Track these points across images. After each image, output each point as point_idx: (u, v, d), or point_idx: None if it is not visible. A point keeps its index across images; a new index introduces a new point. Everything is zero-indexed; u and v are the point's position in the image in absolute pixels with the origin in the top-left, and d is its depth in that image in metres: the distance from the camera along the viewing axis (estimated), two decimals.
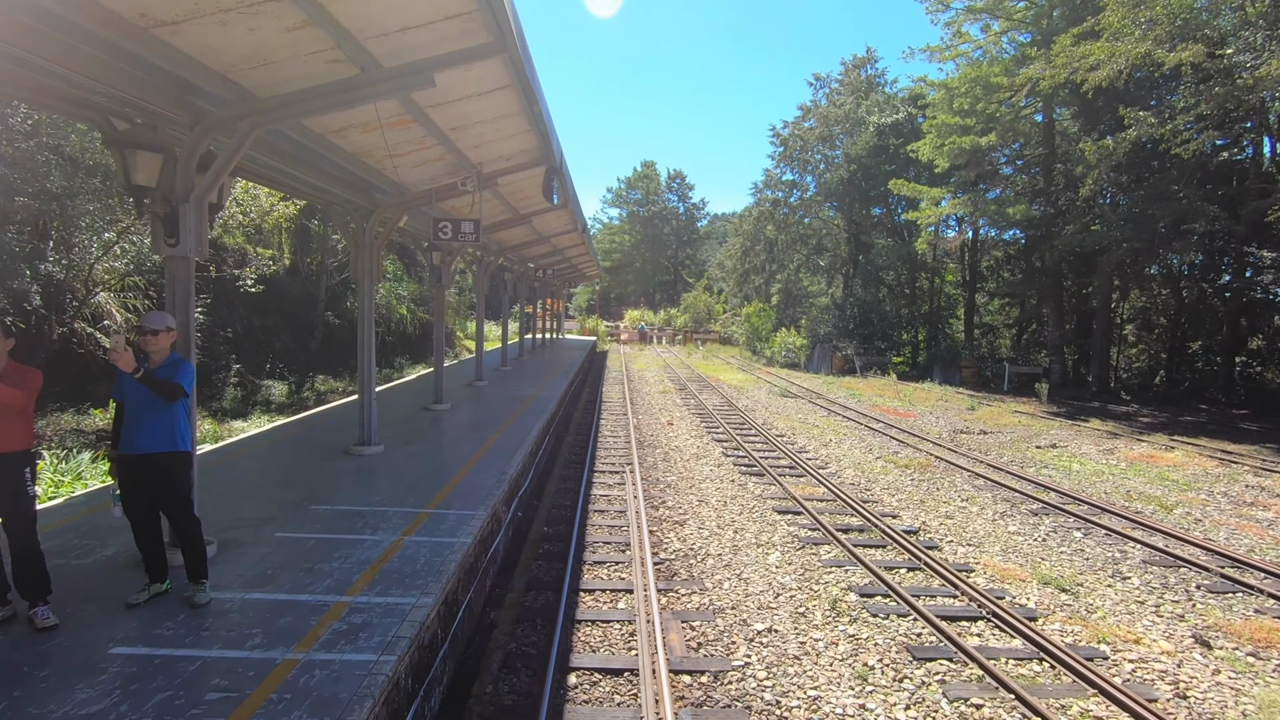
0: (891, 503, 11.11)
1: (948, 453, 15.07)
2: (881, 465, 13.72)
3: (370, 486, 8.19)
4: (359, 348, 9.85)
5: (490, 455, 10.14)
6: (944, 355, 31.34)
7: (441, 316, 14.05)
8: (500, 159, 9.60)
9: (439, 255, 13.33)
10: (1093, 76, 19.77)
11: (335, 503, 7.49)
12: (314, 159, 7.73)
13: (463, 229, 9.71)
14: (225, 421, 16.60)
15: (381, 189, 9.61)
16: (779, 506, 10.53)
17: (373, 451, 9.83)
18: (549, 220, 16.39)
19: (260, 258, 23.71)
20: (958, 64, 29.42)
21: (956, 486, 12.23)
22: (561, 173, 10.40)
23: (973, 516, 10.52)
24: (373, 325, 9.87)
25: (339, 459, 9.52)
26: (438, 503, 7.65)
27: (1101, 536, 9.73)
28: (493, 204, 12.84)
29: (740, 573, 7.92)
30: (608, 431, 16.41)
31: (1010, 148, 29.39)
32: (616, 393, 23.68)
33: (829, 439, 16.28)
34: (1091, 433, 18.23)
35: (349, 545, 6.22)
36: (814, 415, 20.04)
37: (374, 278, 9.74)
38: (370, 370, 9.85)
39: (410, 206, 9.70)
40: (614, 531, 9.30)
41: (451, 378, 20.13)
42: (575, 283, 58.21)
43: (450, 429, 12.13)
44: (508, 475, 9.05)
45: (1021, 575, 8.16)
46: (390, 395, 16.42)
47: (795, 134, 45.42)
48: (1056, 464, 14.53)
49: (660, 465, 13.17)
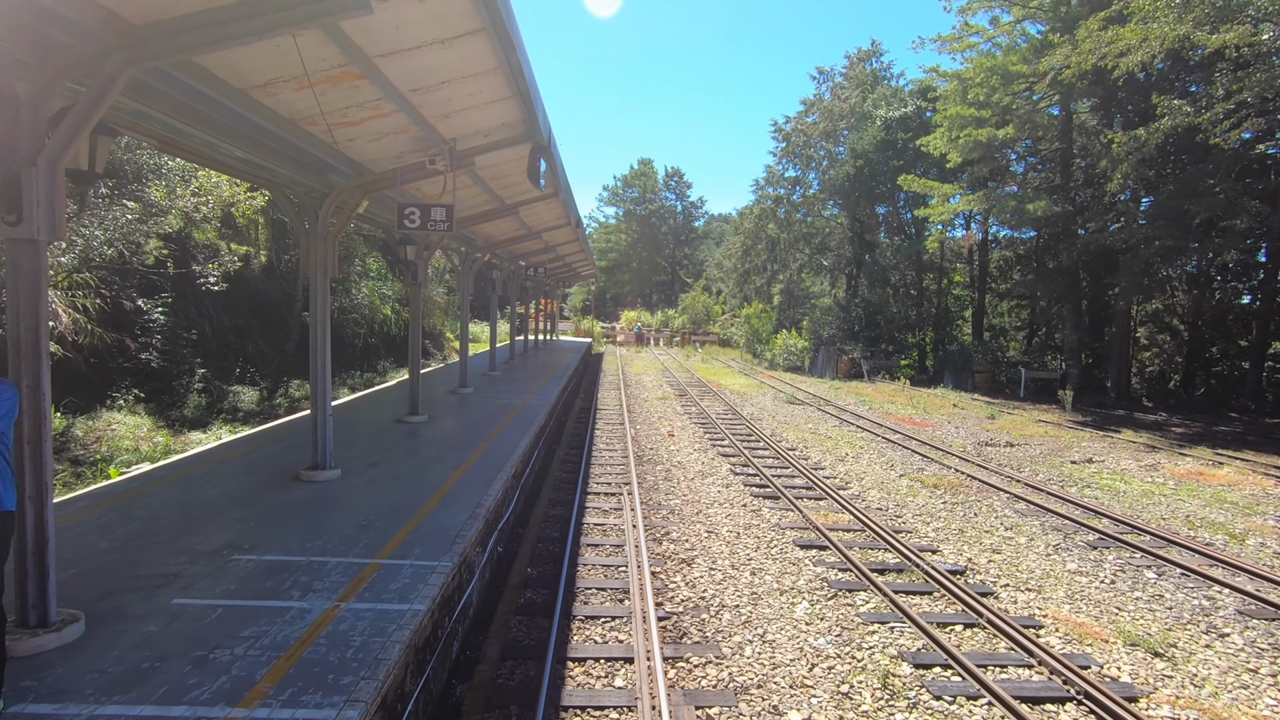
0: (927, 533, 9.71)
1: (977, 469, 13.70)
2: (908, 485, 12.33)
3: (314, 525, 6.74)
4: (311, 356, 8.41)
5: (467, 480, 8.70)
6: (955, 359, 29.99)
7: (418, 318, 12.61)
8: (477, 133, 8.18)
9: (414, 249, 11.89)
10: (1123, 62, 18.44)
11: (265, 549, 6.04)
12: (244, 126, 6.29)
13: (433, 216, 8.27)
14: (182, 433, 15.11)
15: (337, 169, 8.17)
16: (800, 539, 9.13)
17: (327, 477, 8.38)
18: (539, 212, 14.95)
19: (233, 254, 22.24)
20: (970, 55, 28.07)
21: (996, 511, 10.85)
22: (550, 153, 8.98)
23: (1022, 550, 9.13)
24: (327, 330, 8.43)
25: (286, 487, 8.07)
26: (393, 548, 6.21)
27: (1177, 577, 8.35)
28: (473, 191, 11.40)
29: (764, 632, 6.51)
30: (603, 444, 14.99)
31: (1025, 142, 28.07)
32: (613, 399, 22.25)
33: (845, 453, 14.88)
34: (1127, 445, 16.88)
35: (266, 617, 4.78)
36: (825, 425, 18.64)
37: (329, 273, 8.31)
38: (325, 383, 8.41)
39: (371, 190, 8.27)
40: (610, 573, 7.87)
41: (434, 384, 18.68)
42: (570, 283, 56.75)
43: (424, 446, 10.68)
44: (485, 506, 7.62)
45: (1101, 632, 6.77)
46: (363, 405, 14.97)
47: (798, 129, 43.99)
48: (1099, 482, 13.16)
49: (662, 485, 11.76)
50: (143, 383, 16.70)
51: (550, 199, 12.65)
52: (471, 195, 11.68)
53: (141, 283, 17.75)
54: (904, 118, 33.43)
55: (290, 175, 7.58)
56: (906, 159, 32.83)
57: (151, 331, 17.42)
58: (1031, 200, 23.40)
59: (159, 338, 17.47)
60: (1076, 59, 19.89)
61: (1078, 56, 19.85)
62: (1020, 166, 31.74)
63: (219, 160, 7.22)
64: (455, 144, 8.12)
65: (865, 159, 35.03)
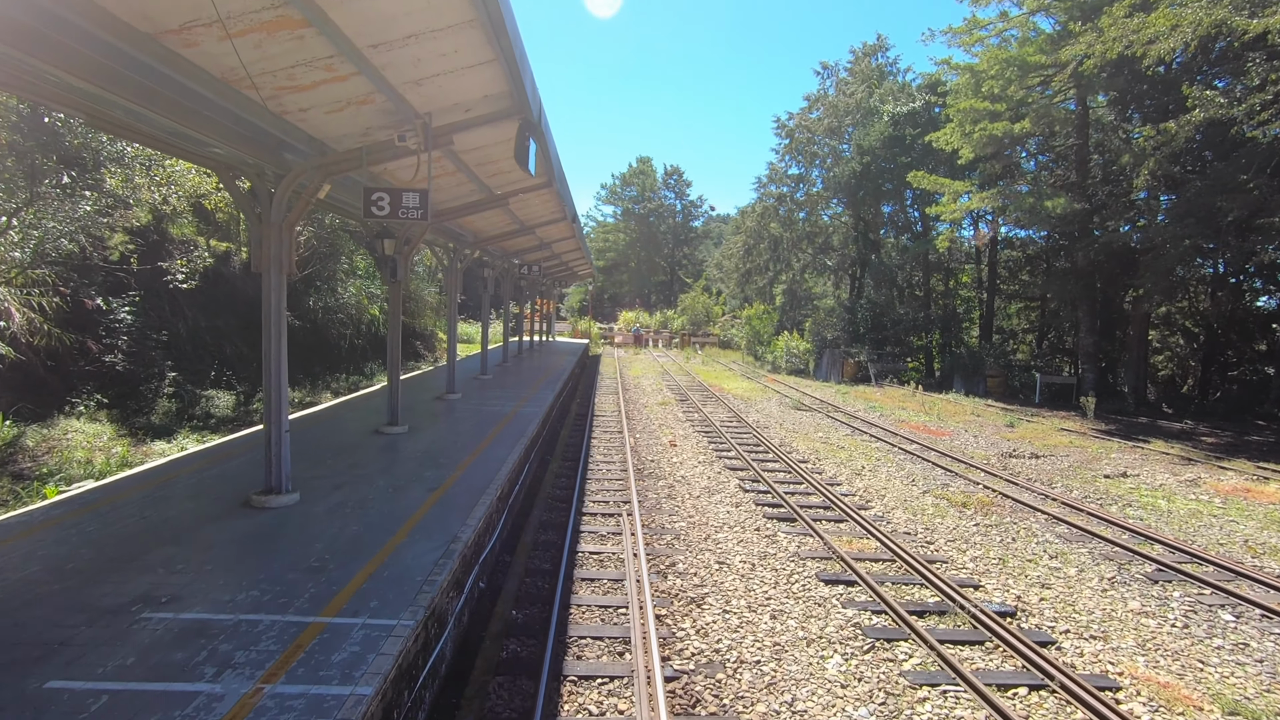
0: (964, 563, 8.63)
1: (1005, 485, 12.64)
2: (933, 504, 11.25)
3: (254, 568, 5.64)
4: (264, 364, 7.31)
5: (444, 505, 7.60)
6: (965, 363, 28.93)
7: (398, 318, 11.50)
8: (455, 106, 7.07)
9: (392, 243, 10.78)
10: (1153, 50, 17.40)
11: (186, 603, 4.94)
12: (166, 86, 5.19)
13: (405, 203, 7.18)
14: (145, 442, 13.98)
15: (293, 146, 7.07)
16: (824, 571, 8.04)
17: (281, 503, 7.28)
18: (531, 205, 13.85)
19: (210, 250, 21.12)
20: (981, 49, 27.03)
21: (1036, 536, 9.77)
22: (540, 132, 7.88)
23: (1074, 584, 8.06)
24: (283, 335, 7.33)
25: (231, 515, 6.96)
26: (345, 601, 5.12)
27: (1258, 620, 7.29)
28: (457, 179, 10.30)
29: (792, 699, 5.42)
30: (600, 455, 13.89)
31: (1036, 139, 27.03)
32: (610, 404, 21.16)
33: (861, 466, 13.80)
34: (1160, 457, 15.82)
35: (161, 709, 3.68)
36: (836, 434, 17.56)
37: (285, 269, 7.21)
38: (280, 395, 7.31)
39: (334, 172, 7.16)
40: (608, 617, 6.78)
41: (420, 389, 17.57)
42: (567, 282, 55.66)
43: (401, 462, 9.58)
44: (463, 539, 6.53)
45: (1190, 696, 5.70)
46: (342, 413, 13.86)
47: (801, 124, 42.83)
48: (1139, 500, 12.11)
49: (665, 504, 10.66)
50: (106, 387, 15.58)
51: (543, 189, 11.55)
52: (455, 183, 10.58)
53: (108, 280, 16.62)
54: (912, 113, 32.37)
55: (234, 152, 6.47)
56: (915, 155, 31.78)
57: (117, 332, 16.29)
58: (1049, 197, 22.32)
59: (125, 339, 16.34)
60: (1101, 47, 18.84)
61: (1102, 45, 18.81)
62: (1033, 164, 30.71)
63: (148, 133, 6.11)
64: (430, 119, 7.03)
65: (872, 155, 33.96)
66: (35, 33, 4.20)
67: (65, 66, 4.43)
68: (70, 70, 4.47)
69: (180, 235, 20.50)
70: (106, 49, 4.58)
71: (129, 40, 4.54)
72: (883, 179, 34.66)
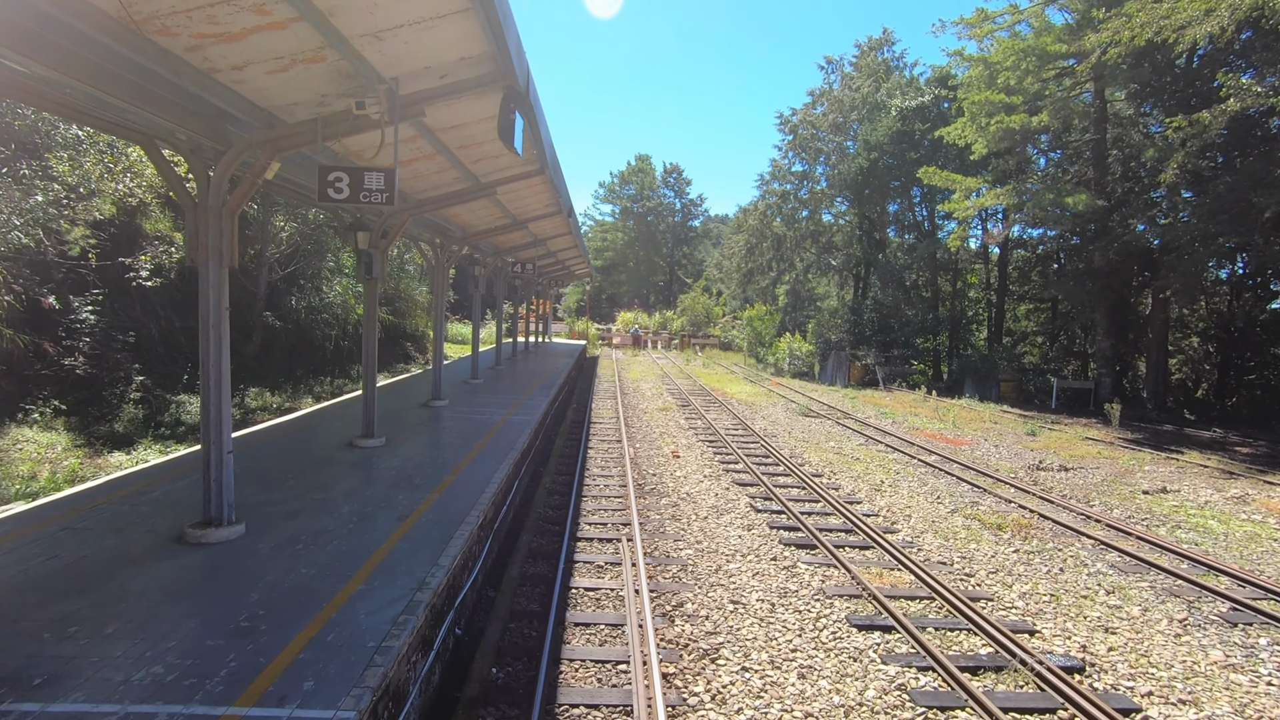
0: (1011, 600, 7.57)
1: (1039, 502, 11.59)
2: (964, 526, 10.19)
3: (168, 629, 4.55)
4: (202, 374, 6.22)
5: (415, 537, 6.52)
6: (977, 367, 27.87)
7: (373, 319, 10.40)
8: (428, 70, 5.99)
9: (366, 235, 9.69)
10: (1187, 35, 16.36)
11: (64, 685, 3.86)
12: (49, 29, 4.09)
13: (368, 184, 6.11)
14: (103, 453, 12.86)
15: (234, 117, 5.99)
16: (856, 614, 6.97)
17: (222, 538, 6.19)
18: (522, 196, 12.76)
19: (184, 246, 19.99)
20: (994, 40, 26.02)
21: (1085, 565, 8.72)
22: (528, 105, 6.80)
23: (1141, 628, 7.00)
24: (223, 338, 6.24)
25: (161, 552, 5.87)
26: (273, 678, 4.03)
27: None
28: (437, 164, 9.20)
29: None
30: (597, 469, 12.82)
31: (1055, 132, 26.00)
32: (608, 410, 20.08)
33: (880, 480, 12.74)
34: (1198, 470, 14.77)
35: None
36: (849, 443, 16.50)
37: (226, 261, 6.12)
38: (220, 410, 6.22)
39: (283, 147, 6.07)
40: (606, 676, 5.70)
41: (405, 394, 16.48)
42: (564, 282, 54.63)
43: (371, 483, 8.48)
44: (433, 585, 5.45)
45: None
46: (314, 422, 12.77)
47: (805, 120, 41.74)
48: (1188, 520, 11.06)
49: (669, 527, 9.58)
50: (65, 392, 14.46)
51: (534, 177, 10.46)
52: (436, 169, 9.48)
53: (69, 278, 15.51)
54: (921, 107, 31.33)
55: (156, 120, 5.39)
56: (923, 151, 30.74)
57: (78, 333, 15.16)
58: (1070, 194, 21.28)
59: (87, 340, 15.21)
60: (1128, 33, 17.80)
61: (1130, 30, 17.77)
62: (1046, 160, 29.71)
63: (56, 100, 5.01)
64: (397, 84, 5.94)
65: (879, 151, 32.89)
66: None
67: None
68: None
69: (155, 230, 19.39)
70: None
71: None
72: (890, 176, 33.61)
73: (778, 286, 47.38)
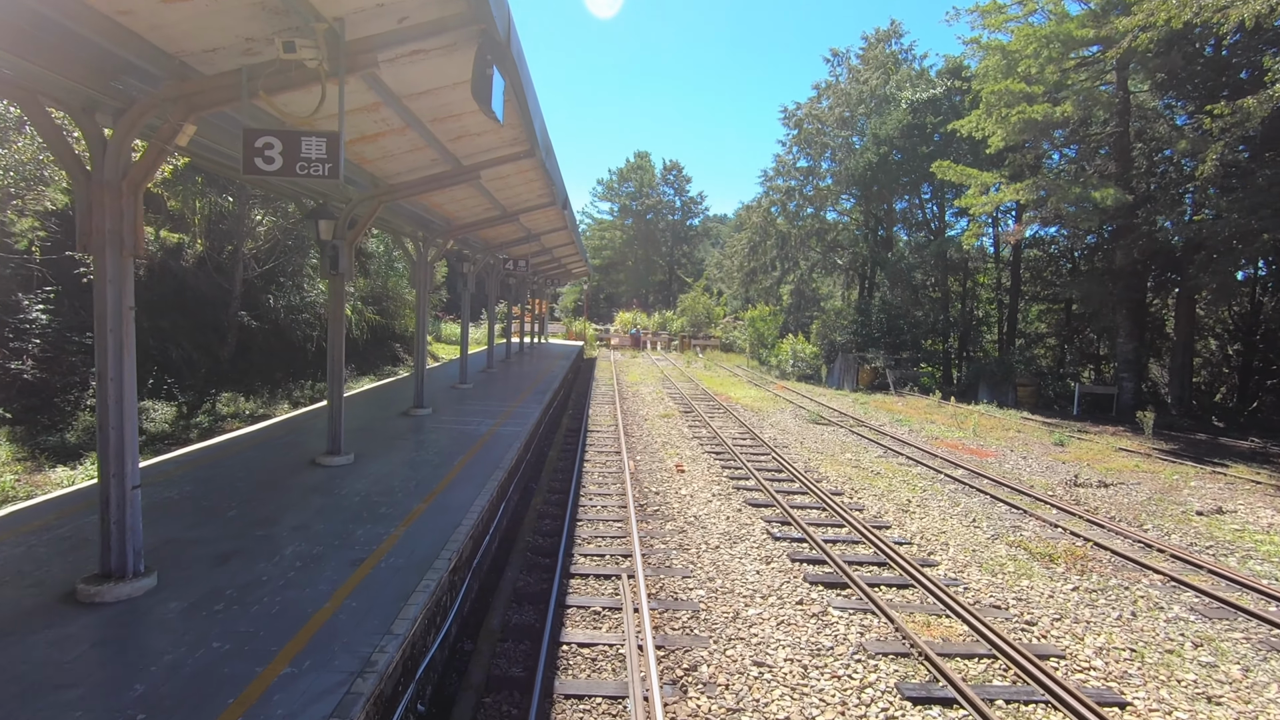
0: (1089, 659, 6.34)
1: (1087, 526, 10.39)
2: (1010, 556, 8.97)
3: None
4: (99, 381, 4.99)
5: (368, 590, 5.29)
6: (991, 370, 26.67)
7: (339, 320, 9.15)
8: (381, 7, 4.75)
9: (329, 225, 8.46)
10: (1232, 14, 15.18)
11: None
12: None
13: (305, 152, 4.87)
14: (45, 468, 11.60)
15: (138, 67, 4.77)
16: (904, 678, 5.75)
17: (122, 595, 4.95)
18: (511, 183, 11.52)
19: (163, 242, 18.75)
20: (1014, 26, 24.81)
21: (1162, 609, 7.51)
22: (511, 60, 5.56)
23: (1250, 697, 5.80)
24: (123, 342, 5.01)
25: (43, 616, 4.64)
26: None
27: None
28: (409, 140, 7.95)
29: None
30: (594, 486, 11.59)
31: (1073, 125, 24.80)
32: (606, 417, 18.85)
33: (907, 499, 11.53)
34: (1250, 486, 13.58)
35: None
36: (867, 455, 15.27)
37: (128, 248, 4.88)
38: (124, 431, 4.99)
39: (200, 105, 4.84)
40: None
41: (387, 401, 15.23)
42: (561, 281, 53.37)
43: (327, 514, 7.23)
44: (379, 668, 4.21)
45: None
46: (283, 433, 11.51)
47: (810, 114, 40.48)
48: (1257, 549, 9.87)
49: (675, 560, 8.35)
50: (12, 399, 13.21)
51: (523, 159, 9.21)
52: (409, 147, 8.23)
53: (16, 273, 14.25)
54: (933, 99, 30.11)
55: (26, 65, 4.14)
56: (935, 146, 29.54)
57: (28, 334, 13.91)
58: (1097, 188, 20.09)
59: (37, 342, 13.95)
60: (1164, 14, 16.61)
61: (1166, 11, 16.57)
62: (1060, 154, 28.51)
63: None
64: (342, 25, 4.70)
65: (889, 145, 31.67)
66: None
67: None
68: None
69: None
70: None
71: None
72: (899, 171, 32.38)
73: (782, 286, 46.12)
